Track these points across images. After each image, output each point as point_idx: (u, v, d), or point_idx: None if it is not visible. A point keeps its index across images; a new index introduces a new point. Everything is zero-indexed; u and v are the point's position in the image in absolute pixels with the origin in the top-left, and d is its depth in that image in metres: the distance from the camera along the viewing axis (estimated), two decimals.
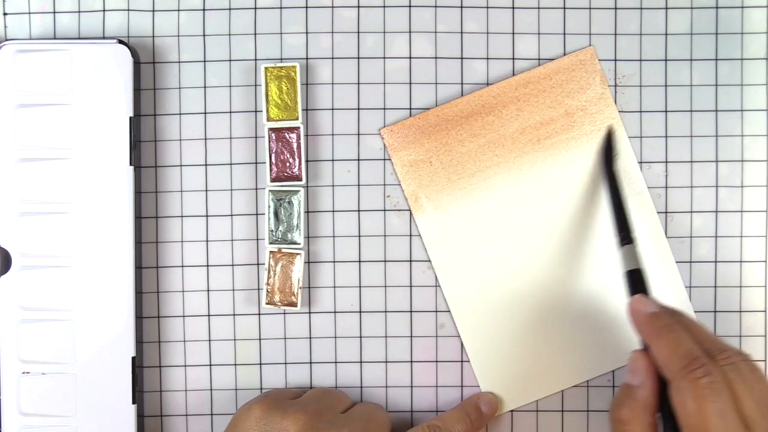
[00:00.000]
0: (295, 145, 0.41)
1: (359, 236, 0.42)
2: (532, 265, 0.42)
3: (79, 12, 0.42)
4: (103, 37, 0.42)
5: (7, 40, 0.40)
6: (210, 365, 0.42)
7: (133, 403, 0.40)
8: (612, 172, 0.40)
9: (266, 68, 0.41)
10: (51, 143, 0.40)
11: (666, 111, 0.42)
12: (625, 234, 0.38)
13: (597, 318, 0.42)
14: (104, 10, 0.42)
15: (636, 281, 0.37)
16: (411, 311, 0.42)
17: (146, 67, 0.42)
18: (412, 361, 0.42)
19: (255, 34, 0.42)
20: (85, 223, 0.40)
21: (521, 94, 0.41)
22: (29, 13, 0.42)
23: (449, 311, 0.42)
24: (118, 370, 0.40)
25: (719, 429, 0.30)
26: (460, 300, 0.42)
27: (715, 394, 0.31)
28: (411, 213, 0.42)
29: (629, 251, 0.38)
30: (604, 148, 0.41)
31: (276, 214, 0.41)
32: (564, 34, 0.42)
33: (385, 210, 0.42)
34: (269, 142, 0.41)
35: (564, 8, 0.42)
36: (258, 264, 0.42)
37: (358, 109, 0.42)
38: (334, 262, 0.42)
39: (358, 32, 0.42)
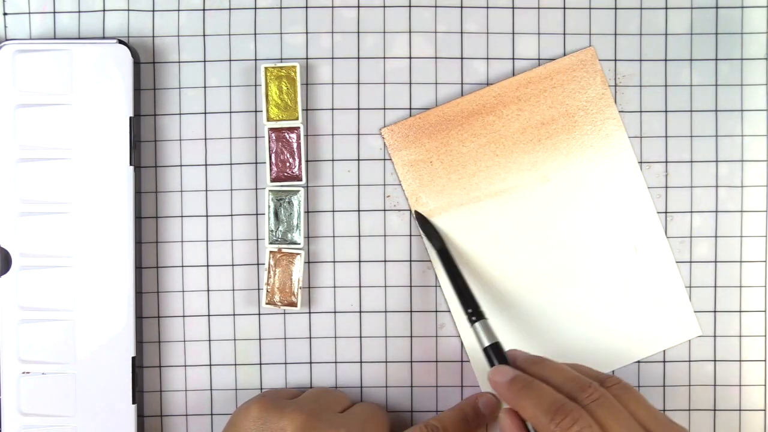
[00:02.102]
0: (295, 145, 0.41)
1: (359, 236, 0.42)
2: (532, 265, 0.42)
3: (79, 12, 0.42)
4: (103, 37, 0.42)
5: (7, 40, 0.40)
6: (210, 365, 0.42)
7: (133, 403, 0.40)
8: (444, 251, 0.40)
9: (266, 68, 0.41)
10: (51, 143, 0.40)
11: (666, 111, 0.42)
12: (473, 310, 0.39)
13: (596, 318, 0.42)
14: (104, 10, 0.42)
15: (496, 354, 0.38)
16: (411, 311, 0.42)
17: (146, 67, 0.42)
18: (412, 361, 0.42)
19: (255, 34, 0.42)
20: (85, 223, 0.40)
21: (522, 94, 0.41)
22: (29, 13, 0.42)
23: (449, 311, 0.42)
24: (118, 370, 0.40)
25: None
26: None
27: None
28: (411, 213, 0.42)
29: (482, 327, 0.38)
30: (425, 231, 0.41)
31: (276, 214, 0.41)
32: (564, 34, 0.42)
33: (385, 210, 0.42)
34: (269, 142, 0.41)
35: (564, 8, 0.42)
36: (258, 264, 0.42)
37: (358, 109, 0.42)
38: (334, 262, 0.42)
39: (358, 32, 0.42)
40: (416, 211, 0.41)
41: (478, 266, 0.42)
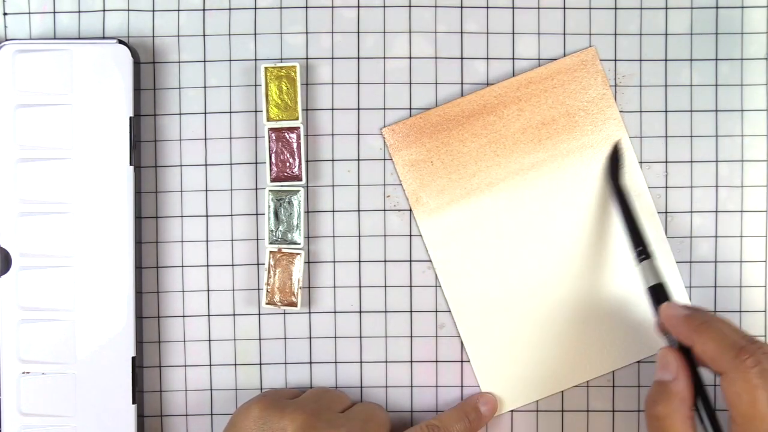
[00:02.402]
0: (295, 145, 0.41)
1: (359, 236, 0.42)
2: (532, 265, 0.42)
3: (79, 12, 0.42)
4: (103, 37, 0.42)
5: (7, 40, 0.40)
6: (210, 365, 0.42)
7: (133, 403, 0.40)
8: (620, 187, 0.40)
9: (266, 68, 0.41)
10: (51, 143, 0.40)
11: (666, 111, 0.42)
12: (642, 249, 0.39)
13: (597, 318, 0.42)
14: (104, 10, 0.42)
15: (660, 295, 0.37)
16: (411, 311, 0.42)
17: (146, 67, 0.42)
18: (412, 361, 0.42)
19: (255, 34, 0.42)
20: (85, 223, 0.40)
21: (523, 94, 0.41)
22: (29, 13, 0.42)
23: (449, 311, 0.42)
24: (118, 370, 0.40)
25: None
26: (460, 300, 0.42)
27: (767, 382, 0.31)
28: (411, 213, 0.42)
29: (648, 266, 0.38)
30: (610, 163, 0.41)
31: (276, 214, 0.41)
32: (564, 34, 0.42)
33: (385, 210, 0.42)
34: (269, 142, 0.41)
35: (564, 8, 0.42)
36: (258, 264, 0.42)
37: (358, 109, 0.42)
38: (334, 262, 0.42)
39: (358, 32, 0.42)
40: (619, 145, 0.41)
41: (478, 266, 0.42)
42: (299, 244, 0.41)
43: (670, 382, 0.35)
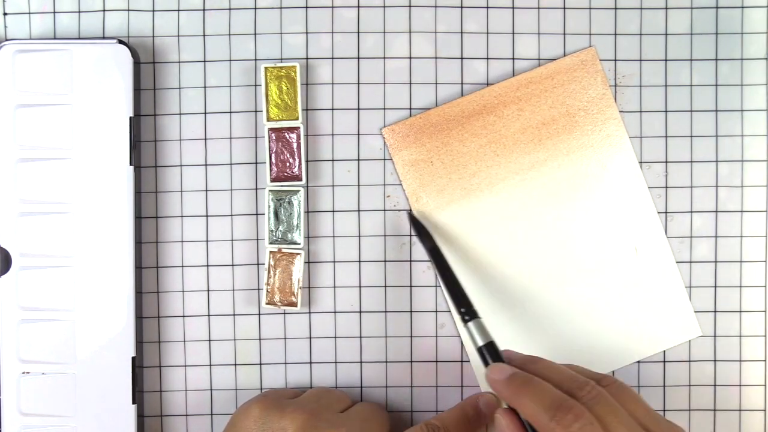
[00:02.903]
0: (295, 145, 0.41)
1: (359, 236, 0.42)
2: (532, 265, 0.42)
3: (79, 12, 0.42)
4: (103, 37, 0.42)
5: (7, 40, 0.40)
6: (210, 365, 0.42)
7: (133, 403, 0.40)
8: (434, 249, 0.40)
9: (266, 68, 0.41)
10: (51, 143, 0.40)
11: (666, 111, 0.42)
12: (466, 310, 0.38)
13: (596, 318, 0.42)
14: (104, 10, 0.42)
15: (491, 353, 0.37)
16: (411, 311, 0.42)
17: (146, 67, 0.42)
18: (412, 361, 0.42)
19: (255, 34, 0.42)
20: (85, 223, 0.40)
21: (523, 94, 0.41)
22: (29, 13, 0.42)
23: (449, 311, 0.42)
24: (118, 370, 0.40)
25: None
26: None
27: None
28: (411, 213, 0.42)
29: (476, 326, 0.37)
30: (417, 231, 0.41)
31: (276, 214, 0.41)
32: (564, 34, 0.42)
33: (385, 210, 0.42)
34: (269, 142, 0.41)
35: (564, 8, 0.42)
36: (258, 264, 0.42)
37: (358, 109, 0.42)
38: (334, 262, 0.42)
39: (358, 32, 0.42)
40: (409, 212, 0.41)
41: (478, 266, 0.42)
42: (299, 244, 0.41)
43: None
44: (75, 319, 0.40)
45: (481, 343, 0.37)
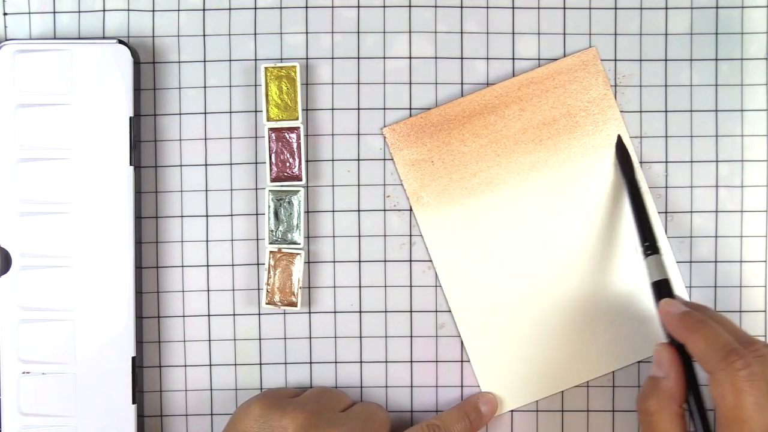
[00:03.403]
0: (295, 145, 0.41)
1: (359, 236, 0.42)
2: (533, 265, 0.42)
3: (79, 12, 0.42)
4: (103, 37, 0.42)
5: (7, 40, 0.40)
6: (210, 365, 0.42)
7: (133, 403, 0.40)
8: (633, 181, 0.40)
9: (266, 68, 0.41)
10: (51, 143, 0.40)
11: (666, 111, 0.42)
12: (650, 244, 0.39)
13: (598, 318, 0.42)
14: (104, 10, 0.42)
15: (663, 291, 0.38)
16: (411, 311, 0.42)
17: (146, 67, 0.42)
18: (412, 361, 0.42)
19: (255, 34, 0.42)
20: (85, 223, 0.40)
21: (524, 94, 0.41)
22: (29, 13, 0.42)
23: (449, 311, 0.42)
24: (118, 370, 0.40)
25: (758, 421, 0.31)
26: (460, 300, 0.42)
27: (754, 386, 0.31)
28: (411, 213, 0.42)
29: (655, 262, 0.38)
30: (620, 158, 0.41)
31: (276, 214, 0.41)
32: (564, 34, 0.42)
33: (385, 210, 0.42)
34: (269, 142, 0.41)
35: (564, 8, 0.42)
36: (258, 264, 0.42)
37: (358, 109, 0.42)
38: (334, 262, 0.42)
39: (358, 32, 0.42)
40: (620, 140, 0.41)
41: (478, 266, 0.42)
42: (299, 244, 0.41)
43: (662, 378, 0.35)
44: (75, 319, 0.40)
45: (657, 278, 0.38)
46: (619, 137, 0.41)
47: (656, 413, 0.35)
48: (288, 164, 0.41)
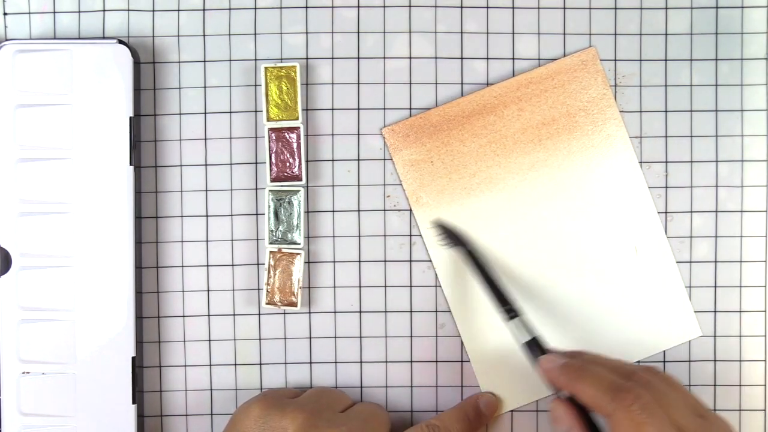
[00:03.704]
0: (295, 145, 0.41)
1: (359, 236, 0.42)
2: (532, 265, 0.42)
3: (79, 12, 0.42)
4: (103, 37, 0.42)
5: (7, 40, 0.40)
6: (210, 365, 0.42)
7: (133, 403, 0.40)
8: (472, 252, 0.40)
9: (266, 68, 0.41)
10: (51, 143, 0.40)
11: (666, 111, 0.42)
12: (508, 308, 0.39)
13: (596, 318, 0.42)
14: (104, 10, 0.42)
15: (536, 349, 0.38)
16: (411, 311, 0.42)
17: (146, 67, 0.42)
18: (412, 361, 0.42)
19: (255, 34, 0.42)
20: (85, 223, 0.40)
21: (523, 94, 0.41)
22: (29, 13, 0.42)
23: (449, 311, 0.42)
24: (118, 370, 0.40)
25: None
26: (460, 300, 0.42)
27: (652, 416, 0.31)
28: (411, 213, 0.42)
29: (519, 324, 0.38)
30: (448, 237, 0.41)
31: (276, 214, 0.41)
32: (564, 34, 0.42)
33: (385, 210, 0.42)
34: (269, 142, 0.41)
35: (564, 8, 0.42)
36: (258, 264, 0.42)
37: (358, 109, 0.42)
38: (334, 262, 0.42)
39: (358, 32, 0.42)
40: (438, 221, 0.41)
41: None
42: (299, 244, 0.41)
43: None
44: (75, 319, 0.40)
45: (525, 339, 0.38)
46: (437, 222, 0.41)
47: None
48: (288, 164, 0.41)
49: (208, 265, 0.42)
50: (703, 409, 0.34)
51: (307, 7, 0.42)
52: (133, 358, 0.40)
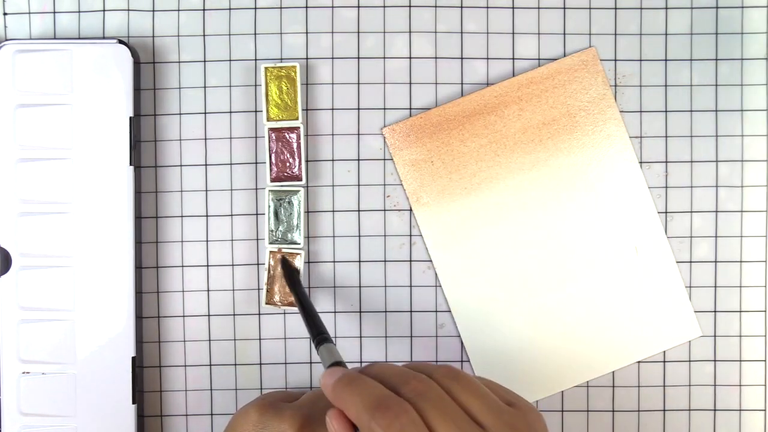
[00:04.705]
0: (295, 145, 0.41)
1: (359, 236, 0.42)
2: (532, 265, 0.42)
3: (79, 12, 0.42)
4: (103, 37, 0.42)
5: (7, 40, 0.40)
6: (210, 365, 0.42)
7: (133, 403, 0.40)
8: (297, 291, 0.39)
9: (266, 68, 0.41)
10: (51, 143, 0.40)
11: (666, 111, 0.42)
12: (321, 337, 0.36)
13: (597, 318, 0.42)
14: (104, 10, 0.42)
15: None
16: (411, 311, 0.42)
17: (146, 67, 0.42)
18: (412, 361, 0.42)
19: (255, 34, 0.42)
20: (85, 223, 0.40)
21: (523, 93, 0.41)
22: (29, 13, 0.42)
23: (449, 311, 0.42)
24: (118, 370, 0.40)
25: None
26: (460, 300, 0.42)
27: None
28: (411, 213, 0.42)
29: (327, 350, 0.35)
30: (286, 274, 0.40)
31: (276, 214, 0.41)
32: (564, 34, 0.42)
33: (385, 210, 0.42)
34: (269, 142, 0.41)
35: (564, 8, 0.42)
36: (258, 264, 0.42)
37: (358, 109, 0.42)
38: (334, 262, 0.42)
39: (358, 32, 0.42)
40: (282, 258, 0.40)
41: (478, 266, 0.42)
42: (299, 244, 0.41)
43: None
44: (75, 319, 0.40)
45: (330, 362, 0.34)
46: (282, 258, 0.41)
47: None
48: (288, 164, 0.41)
49: (208, 265, 0.42)
50: (512, 397, 0.31)
51: (307, 7, 0.42)
52: (133, 358, 0.40)
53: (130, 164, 0.40)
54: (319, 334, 0.36)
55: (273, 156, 0.41)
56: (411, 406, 0.29)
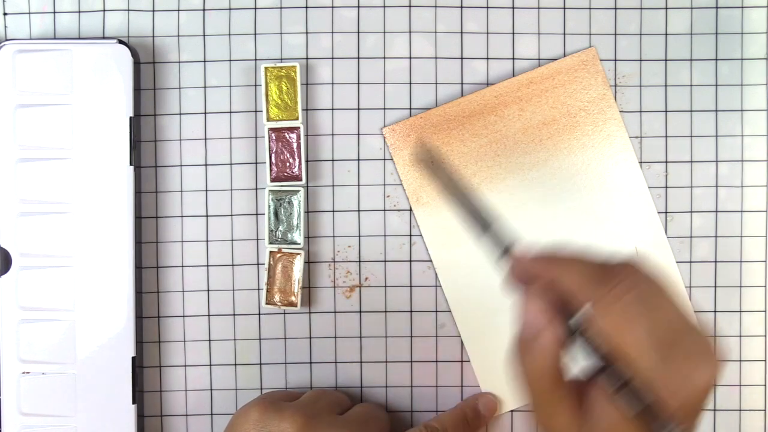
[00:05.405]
0: (295, 145, 0.41)
1: (359, 236, 0.42)
2: None
3: (79, 12, 0.42)
4: (103, 37, 0.42)
5: (7, 40, 0.40)
6: (210, 365, 0.42)
7: (133, 403, 0.40)
8: (441, 171, 0.34)
9: (266, 68, 0.41)
10: (51, 143, 0.40)
11: (666, 111, 0.42)
12: (482, 221, 0.32)
13: None
14: (104, 10, 0.42)
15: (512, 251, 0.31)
16: (411, 311, 0.42)
17: (146, 67, 0.42)
18: (412, 361, 0.42)
19: (255, 34, 0.42)
20: (85, 223, 0.40)
21: (523, 94, 0.41)
22: (29, 13, 0.42)
23: (449, 311, 0.42)
24: (118, 370, 0.40)
25: (650, 343, 0.27)
26: (460, 300, 0.42)
27: (640, 309, 0.27)
28: (412, 212, 0.42)
29: (494, 234, 0.31)
30: (427, 161, 0.34)
31: (276, 214, 0.41)
32: (564, 34, 0.42)
33: (385, 210, 0.42)
34: (269, 142, 0.41)
35: (564, 8, 0.42)
36: (258, 264, 0.42)
37: (358, 109, 0.42)
38: (334, 261, 0.42)
39: (358, 32, 0.42)
40: (425, 147, 0.36)
41: (478, 266, 0.41)
42: (299, 244, 0.41)
43: (540, 333, 0.28)
44: (75, 319, 0.40)
45: (501, 247, 0.31)
46: (421, 144, 0.36)
47: (542, 378, 0.28)
48: (288, 164, 0.41)
49: (208, 265, 0.42)
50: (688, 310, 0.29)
51: (307, 7, 0.42)
52: (133, 358, 0.40)
53: (130, 164, 0.40)
54: (480, 220, 0.32)
55: (273, 156, 0.41)
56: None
